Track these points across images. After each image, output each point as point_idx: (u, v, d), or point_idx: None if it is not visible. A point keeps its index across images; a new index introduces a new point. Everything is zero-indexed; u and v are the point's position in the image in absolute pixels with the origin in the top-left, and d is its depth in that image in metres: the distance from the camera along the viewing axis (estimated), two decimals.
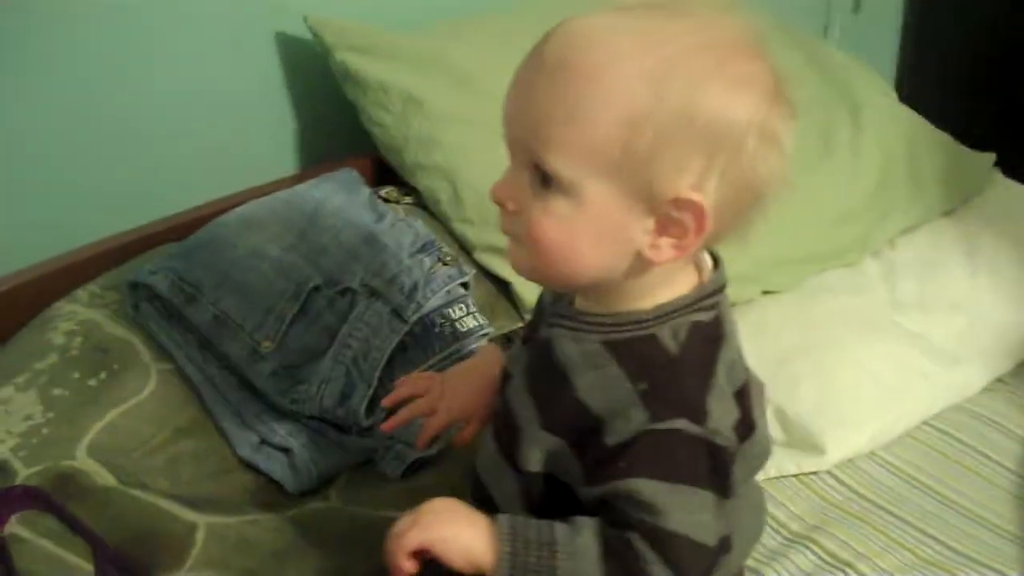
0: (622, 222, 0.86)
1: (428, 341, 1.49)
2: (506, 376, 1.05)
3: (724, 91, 0.83)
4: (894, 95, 2.23)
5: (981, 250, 1.95)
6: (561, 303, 0.98)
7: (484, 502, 1.03)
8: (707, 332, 0.92)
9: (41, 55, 1.52)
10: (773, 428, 1.55)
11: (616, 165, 0.84)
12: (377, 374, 1.42)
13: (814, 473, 1.55)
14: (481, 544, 0.89)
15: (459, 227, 1.72)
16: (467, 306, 1.55)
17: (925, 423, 1.65)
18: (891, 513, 1.48)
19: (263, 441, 1.41)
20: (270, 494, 1.38)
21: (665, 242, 0.87)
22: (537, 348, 0.99)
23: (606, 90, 0.82)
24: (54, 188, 1.59)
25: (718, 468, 0.89)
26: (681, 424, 0.87)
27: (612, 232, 0.87)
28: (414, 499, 1.29)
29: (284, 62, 1.81)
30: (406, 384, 1.19)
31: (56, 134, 1.56)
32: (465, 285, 1.58)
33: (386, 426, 1.18)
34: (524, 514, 0.97)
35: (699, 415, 0.88)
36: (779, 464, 1.51)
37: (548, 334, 0.97)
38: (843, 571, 1.38)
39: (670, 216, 0.85)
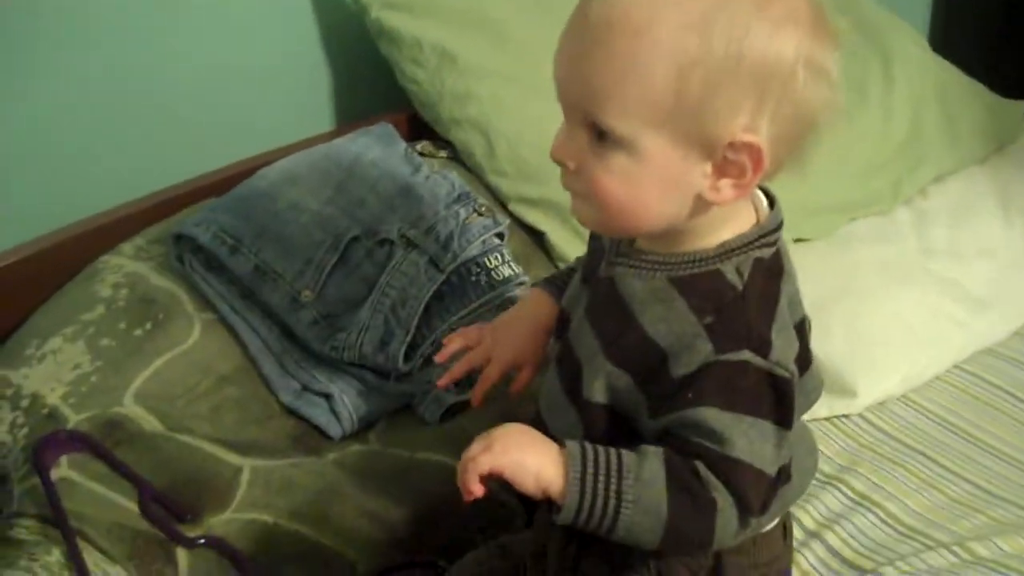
0: (682, 169, 0.88)
1: (464, 290, 1.51)
2: (565, 319, 1.06)
3: (767, 31, 0.83)
4: (926, 45, 2.22)
5: (1014, 197, 1.95)
6: (622, 243, 0.99)
7: None
8: (769, 267, 0.93)
9: (83, 22, 1.54)
10: None
11: (670, 115, 0.85)
12: (415, 322, 1.45)
13: (845, 416, 1.57)
14: (551, 469, 0.91)
15: (493, 179, 1.74)
16: (502, 256, 1.58)
17: (956, 367, 1.66)
18: (922, 454, 1.51)
19: (304, 388, 1.44)
20: (312, 439, 1.41)
21: (725, 183, 0.88)
22: (599, 287, 1.00)
23: (652, 43, 0.83)
24: (100, 146, 1.62)
25: (781, 399, 0.90)
26: (746, 356, 0.88)
27: (674, 181, 0.88)
28: (452, 442, 1.34)
29: (320, 20, 1.83)
30: (456, 338, 1.19)
31: (99, 94, 1.59)
32: (500, 236, 1.60)
33: (441, 382, 1.19)
34: None
35: (763, 347, 0.89)
36: (811, 407, 1.52)
37: (611, 272, 0.98)
38: (873, 511, 1.41)
39: (727, 158, 0.86)
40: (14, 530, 1.21)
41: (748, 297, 0.91)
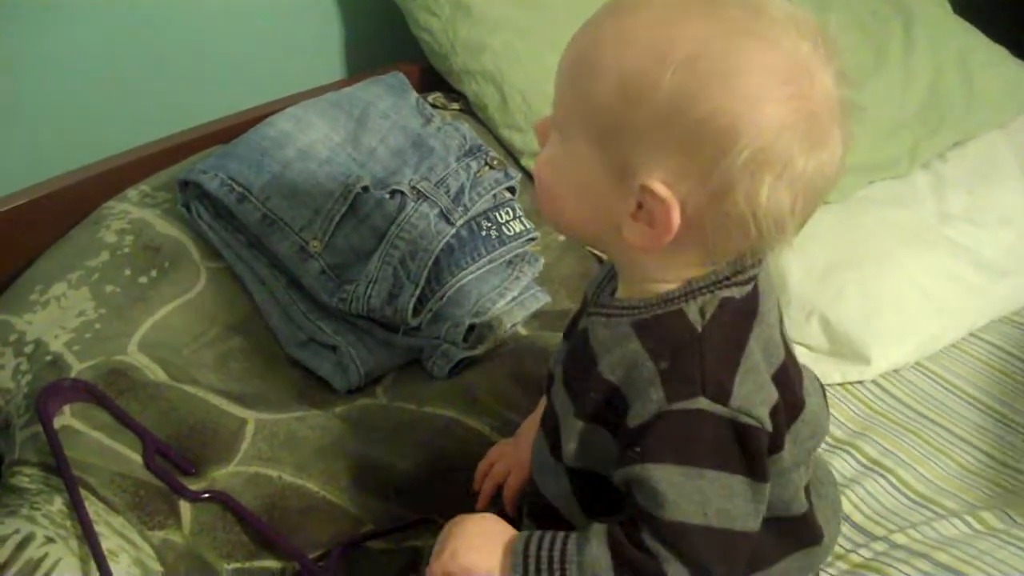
0: (603, 190, 0.85)
1: (475, 244, 1.49)
2: (550, 377, 1.05)
3: (727, 96, 0.78)
4: (948, 6, 2.19)
5: None
6: (604, 294, 0.97)
7: (542, 509, 1.04)
8: (739, 307, 0.88)
9: None
10: (818, 337, 1.56)
11: (606, 133, 0.83)
12: (424, 275, 1.43)
13: (859, 382, 1.55)
14: (502, 572, 0.90)
15: (506, 133, 1.72)
16: (513, 210, 1.55)
17: (972, 335, 1.65)
18: (934, 422, 1.49)
19: (311, 339, 1.43)
20: (318, 391, 1.40)
21: (638, 227, 0.84)
22: (575, 340, 0.98)
23: (618, 55, 0.81)
24: (106, 91, 1.59)
25: (746, 450, 0.84)
26: (702, 404, 0.83)
27: (592, 193, 0.86)
28: (460, 397, 1.33)
29: None
30: (483, 462, 1.22)
31: (105, 39, 1.56)
32: (512, 190, 1.57)
33: (479, 505, 1.18)
34: (579, 513, 0.98)
35: (721, 394, 0.83)
36: (824, 373, 1.50)
37: (586, 324, 0.95)
38: (885, 477, 1.40)
39: (645, 202, 0.83)
40: (16, 478, 1.20)
41: (707, 339, 0.85)
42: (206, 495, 1.20)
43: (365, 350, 1.41)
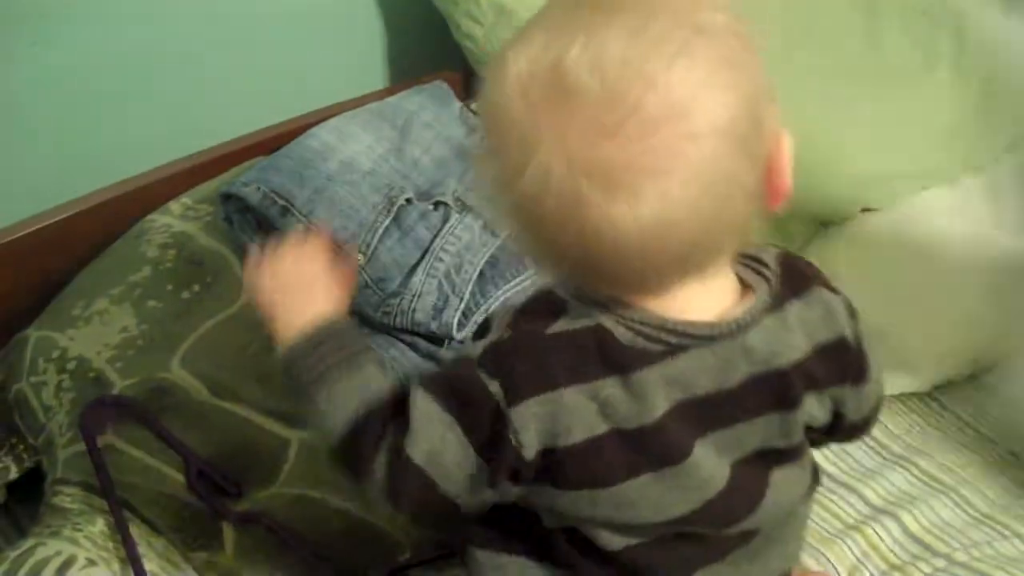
0: None
1: (519, 257, 1.47)
2: None
3: (503, 87, 0.75)
4: (1001, 5, 2.14)
5: None
6: None
7: None
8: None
9: None
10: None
11: None
12: (469, 288, 1.40)
13: (914, 394, 1.52)
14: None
15: None
16: None
17: None
18: (991, 440, 1.45)
19: None
20: None
21: None
22: None
23: None
24: (146, 101, 1.58)
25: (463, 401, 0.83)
26: (472, 352, 0.84)
27: None
28: None
29: None
30: None
31: (149, 49, 1.54)
32: None
33: None
34: None
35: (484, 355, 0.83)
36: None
37: None
38: (946, 494, 1.37)
39: None
40: (58, 497, 1.19)
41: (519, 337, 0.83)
42: (249, 518, 1.18)
43: (409, 364, 1.39)
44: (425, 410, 0.83)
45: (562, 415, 0.81)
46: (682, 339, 0.81)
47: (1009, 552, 1.28)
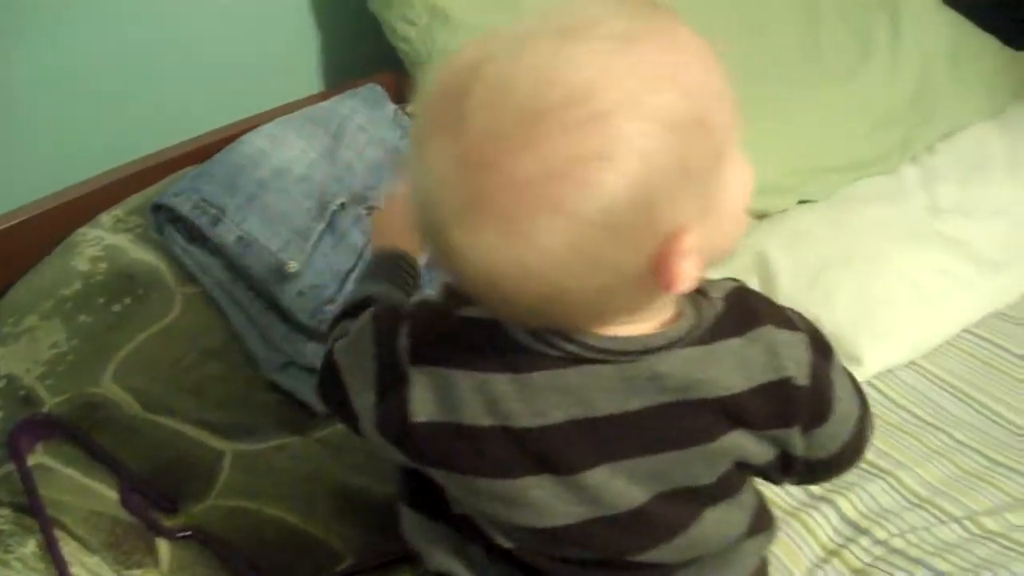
0: None
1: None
2: None
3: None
4: None
5: None
6: None
7: None
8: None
9: None
10: None
11: None
12: None
13: None
14: None
15: None
16: None
17: (966, 331, 1.61)
18: (931, 424, 1.46)
19: (290, 362, 1.40)
20: (298, 416, 1.37)
21: None
22: None
23: None
24: (75, 115, 1.56)
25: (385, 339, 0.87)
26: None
27: None
28: None
29: None
30: None
31: (75, 60, 1.53)
32: None
33: None
34: None
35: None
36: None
37: None
38: (884, 479, 1.36)
39: None
40: None
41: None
42: (184, 533, 1.17)
43: None
44: (363, 327, 0.89)
45: (451, 393, 0.82)
46: (580, 349, 0.79)
47: (947, 537, 1.28)
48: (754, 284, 1.62)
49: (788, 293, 1.57)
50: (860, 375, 1.50)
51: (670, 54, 0.72)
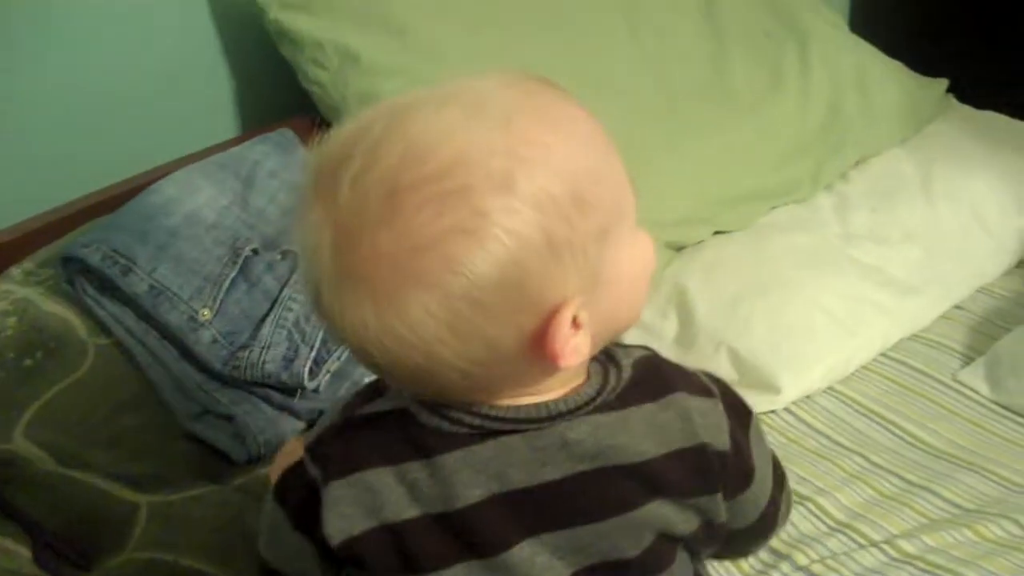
0: None
1: None
2: None
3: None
4: (844, 25, 2.19)
5: (936, 178, 1.90)
6: None
7: None
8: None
9: None
10: (727, 369, 1.54)
11: None
12: (320, 336, 1.40)
13: (771, 411, 1.53)
14: None
15: None
16: None
17: (882, 355, 1.63)
18: (848, 448, 1.47)
19: (206, 411, 1.39)
20: (215, 465, 1.36)
21: None
22: None
23: None
24: None
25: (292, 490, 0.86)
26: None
27: None
28: None
29: (218, 24, 1.77)
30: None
31: None
32: None
33: None
34: None
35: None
36: None
37: None
38: (803, 505, 1.37)
39: None
40: None
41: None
42: None
43: (263, 417, 1.38)
44: (269, 514, 0.88)
45: (370, 495, 0.80)
46: (485, 421, 0.78)
47: (867, 562, 1.29)
48: (672, 316, 1.64)
49: (706, 323, 1.58)
50: (779, 403, 1.53)
51: (550, 134, 0.72)
